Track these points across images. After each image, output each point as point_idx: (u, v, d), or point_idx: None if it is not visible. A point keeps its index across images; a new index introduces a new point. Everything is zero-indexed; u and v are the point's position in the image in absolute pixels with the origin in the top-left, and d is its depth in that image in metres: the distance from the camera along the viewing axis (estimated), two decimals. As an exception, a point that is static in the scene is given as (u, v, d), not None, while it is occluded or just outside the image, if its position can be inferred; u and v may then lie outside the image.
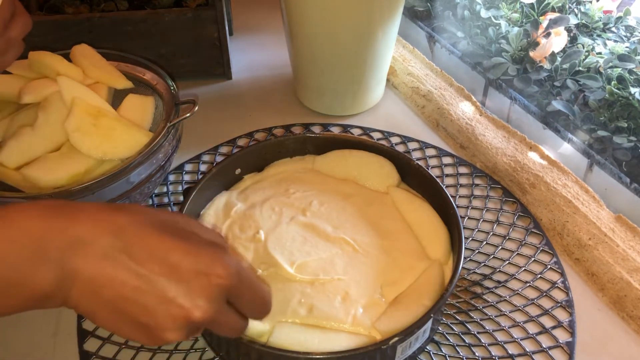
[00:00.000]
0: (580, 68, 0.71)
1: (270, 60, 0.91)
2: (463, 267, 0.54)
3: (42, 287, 0.33)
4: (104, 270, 0.33)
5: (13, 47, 0.51)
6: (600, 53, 0.72)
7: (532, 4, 0.79)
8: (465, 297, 0.56)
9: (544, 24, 0.75)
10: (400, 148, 0.73)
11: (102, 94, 0.61)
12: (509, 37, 0.76)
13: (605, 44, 0.73)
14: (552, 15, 0.76)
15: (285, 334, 0.47)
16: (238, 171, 0.63)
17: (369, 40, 0.72)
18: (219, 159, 0.71)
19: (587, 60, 0.72)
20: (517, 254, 0.60)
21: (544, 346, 0.52)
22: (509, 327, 0.54)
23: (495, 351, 0.52)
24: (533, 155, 0.69)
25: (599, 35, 0.76)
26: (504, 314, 0.55)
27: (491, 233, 0.63)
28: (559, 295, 0.57)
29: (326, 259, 0.53)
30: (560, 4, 0.78)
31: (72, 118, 0.56)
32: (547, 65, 0.74)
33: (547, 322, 0.54)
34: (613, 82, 0.66)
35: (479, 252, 0.61)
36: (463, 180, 0.69)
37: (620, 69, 0.68)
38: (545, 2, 0.78)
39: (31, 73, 0.61)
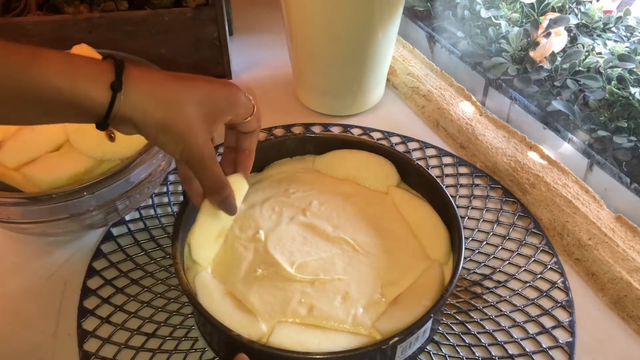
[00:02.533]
0: (580, 68, 0.71)
1: (270, 60, 0.91)
2: (463, 267, 0.54)
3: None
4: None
5: None
6: (600, 53, 0.72)
7: (532, 4, 0.79)
8: (465, 297, 0.56)
9: (544, 24, 0.75)
10: (400, 148, 0.73)
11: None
12: (509, 37, 0.76)
13: (605, 44, 0.73)
14: (552, 15, 0.76)
15: (285, 334, 0.47)
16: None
17: (369, 40, 0.72)
18: (219, 159, 0.71)
19: (587, 60, 0.72)
20: (517, 254, 0.60)
21: (544, 346, 0.52)
22: (509, 327, 0.54)
23: (495, 351, 0.52)
24: (533, 155, 0.69)
25: (599, 35, 0.76)
26: (504, 314, 0.55)
27: (491, 233, 0.63)
28: (559, 295, 0.57)
29: (326, 259, 0.53)
30: (560, 4, 0.78)
31: None
32: (547, 65, 0.74)
33: (547, 322, 0.54)
34: (613, 82, 0.66)
35: (479, 252, 0.61)
36: (463, 180, 0.69)
37: (620, 69, 0.68)
38: (545, 2, 0.78)
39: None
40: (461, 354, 0.52)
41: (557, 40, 0.74)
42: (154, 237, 0.62)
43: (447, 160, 0.72)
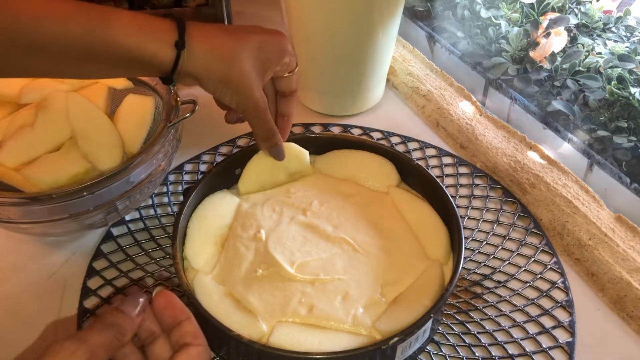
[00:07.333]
0: (580, 68, 0.72)
1: (270, 60, 0.90)
2: (463, 267, 0.54)
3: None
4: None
5: None
6: (600, 53, 0.72)
7: (532, 4, 0.79)
8: (465, 297, 0.56)
9: (544, 24, 0.75)
10: (400, 148, 0.73)
11: (102, 94, 0.62)
12: (509, 37, 0.76)
13: (605, 44, 0.73)
14: (552, 15, 0.76)
15: (285, 334, 0.47)
16: (238, 171, 0.62)
17: (369, 40, 0.72)
18: (219, 159, 0.71)
19: (587, 60, 0.72)
20: (517, 254, 0.60)
21: (544, 346, 0.52)
22: (509, 327, 0.54)
23: (495, 351, 0.52)
24: (533, 155, 0.69)
25: (599, 35, 0.76)
26: (504, 314, 0.55)
27: (491, 233, 0.63)
28: (559, 295, 0.57)
29: (326, 259, 0.53)
30: (560, 4, 0.78)
31: None
32: (547, 65, 0.74)
33: (547, 322, 0.54)
34: (613, 82, 0.66)
35: (479, 252, 0.61)
36: (463, 180, 0.69)
37: (620, 69, 0.68)
38: (545, 2, 0.78)
39: (31, 73, 0.61)
40: (461, 354, 0.52)
41: (557, 40, 0.74)
42: (154, 237, 0.62)
43: (447, 160, 0.72)
